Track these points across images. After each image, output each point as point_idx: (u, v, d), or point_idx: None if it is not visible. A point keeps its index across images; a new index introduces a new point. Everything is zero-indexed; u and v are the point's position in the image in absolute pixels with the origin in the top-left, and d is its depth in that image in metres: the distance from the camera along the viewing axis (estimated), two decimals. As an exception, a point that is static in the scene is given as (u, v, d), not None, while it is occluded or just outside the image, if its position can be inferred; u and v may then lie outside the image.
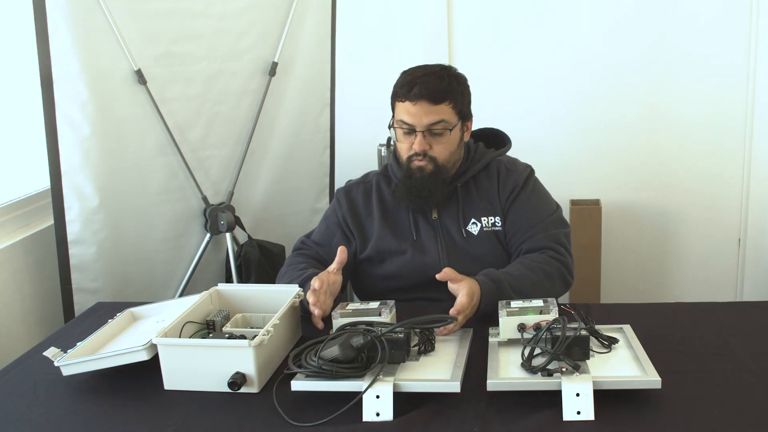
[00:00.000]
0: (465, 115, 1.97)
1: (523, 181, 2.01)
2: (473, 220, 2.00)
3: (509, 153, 2.10)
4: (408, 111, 1.90)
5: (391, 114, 1.98)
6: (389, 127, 1.98)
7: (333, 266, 1.82)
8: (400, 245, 2.00)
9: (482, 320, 1.74)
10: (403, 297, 1.93)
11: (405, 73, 1.94)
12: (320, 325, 1.73)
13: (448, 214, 2.01)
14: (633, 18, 3.13)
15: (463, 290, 1.71)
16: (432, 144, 1.92)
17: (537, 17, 3.19)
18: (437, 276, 1.73)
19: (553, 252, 1.94)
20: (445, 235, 2.00)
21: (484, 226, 1.99)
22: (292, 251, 2.13)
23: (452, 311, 1.66)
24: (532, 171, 2.07)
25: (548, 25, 3.19)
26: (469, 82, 1.99)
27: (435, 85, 1.88)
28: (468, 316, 1.72)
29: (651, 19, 3.11)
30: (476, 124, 2.07)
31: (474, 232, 1.99)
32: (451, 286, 1.74)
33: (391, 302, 1.74)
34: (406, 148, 1.95)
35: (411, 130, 1.91)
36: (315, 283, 1.73)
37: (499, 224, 2.00)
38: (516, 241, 1.98)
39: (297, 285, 1.81)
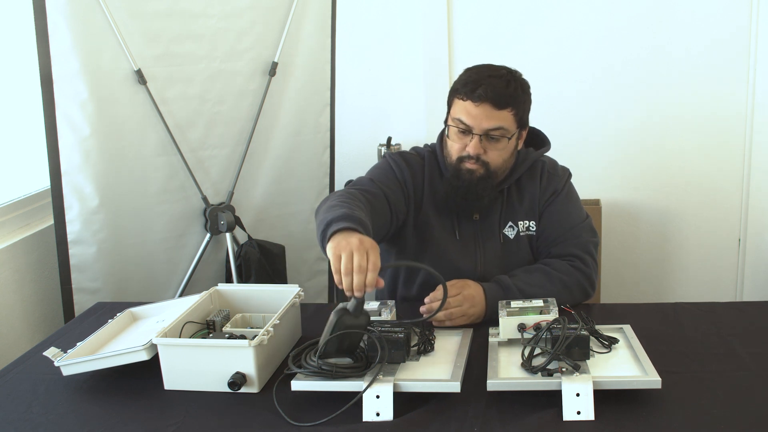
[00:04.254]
0: (524, 124, 1.89)
1: (562, 185, 1.97)
2: (510, 224, 1.95)
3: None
4: (468, 111, 1.80)
5: (447, 109, 1.89)
6: (445, 123, 1.89)
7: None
8: (441, 243, 1.93)
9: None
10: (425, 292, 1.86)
11: (469, 71, 1.85)
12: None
13: (491, 216, 1.94)
14: (633, 18, 3.12)
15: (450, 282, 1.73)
16: (487, 149, 1.83)
17: (537, 17, 3.19)
18: (421, 309, 1.76)
19: (579, 261, 1.89)
20: (485, 237, 1.94)
21: (520, 230, 1.95)
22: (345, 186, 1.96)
23: (427, 298, 1.75)
24: (570, 176, 2.02)
25: (548, 26, 3.19)
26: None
27: (501, 90, 1.79)
28: (455, 313, 1.73)
29: (651, 19, 3.11)
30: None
31: (510, 236, 1.95)
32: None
33: (391, 302, 1.74)
34: (458, 148, 1.85)
35: (467, 131, 1.82)
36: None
37: (534, 228, 1.95)
38: (546, 244, 1.94)
39: (297, 285, 1.80)
